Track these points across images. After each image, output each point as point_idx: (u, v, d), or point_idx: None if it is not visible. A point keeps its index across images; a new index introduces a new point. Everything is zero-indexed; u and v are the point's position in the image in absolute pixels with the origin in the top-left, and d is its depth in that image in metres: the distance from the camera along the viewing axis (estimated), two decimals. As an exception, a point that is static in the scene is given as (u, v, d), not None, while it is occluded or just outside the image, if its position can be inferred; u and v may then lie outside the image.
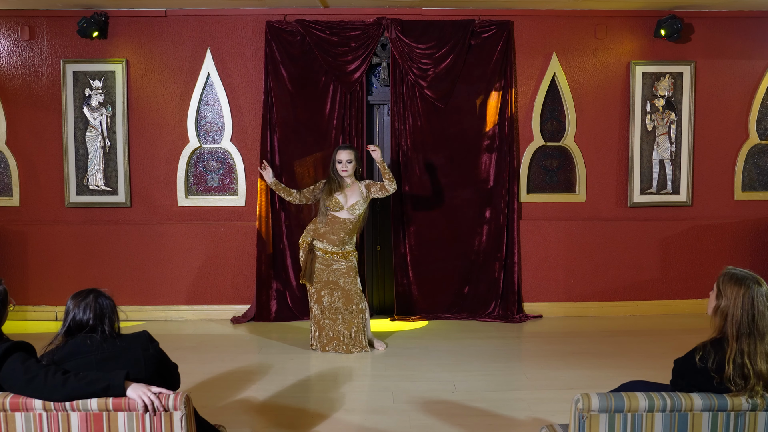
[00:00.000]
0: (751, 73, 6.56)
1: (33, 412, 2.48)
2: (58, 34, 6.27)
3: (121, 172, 6.35)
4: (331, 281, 5.41)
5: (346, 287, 5.41)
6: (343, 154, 5.38)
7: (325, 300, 5.42)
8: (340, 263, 5.40)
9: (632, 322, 6.38)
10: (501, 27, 6.30)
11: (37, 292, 6.37)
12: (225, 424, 3.46)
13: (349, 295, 5.41)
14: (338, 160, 5.38)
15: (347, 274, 5.41)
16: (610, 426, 2.55)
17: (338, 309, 5.43)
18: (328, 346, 5.45)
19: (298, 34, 6.21)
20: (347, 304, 5.41)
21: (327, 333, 5.45)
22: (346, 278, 5.41)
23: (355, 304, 5.42)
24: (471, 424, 4.09)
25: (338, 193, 5.38)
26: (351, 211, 5.37)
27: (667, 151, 6.54)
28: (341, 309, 5.42)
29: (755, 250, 6.63)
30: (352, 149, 5.45)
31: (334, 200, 5.36)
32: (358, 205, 5.36)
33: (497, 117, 6.35)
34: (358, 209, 5.37)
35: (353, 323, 5.43)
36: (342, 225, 5.37)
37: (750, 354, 2.57)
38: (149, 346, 2.71)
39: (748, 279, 2.63)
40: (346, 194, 5.38)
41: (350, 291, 5.41)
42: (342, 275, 5.41)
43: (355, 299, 5.42)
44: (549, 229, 6.54)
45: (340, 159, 5.37)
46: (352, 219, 5.38)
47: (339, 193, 5.38)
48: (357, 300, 5.43)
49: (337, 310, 5.43)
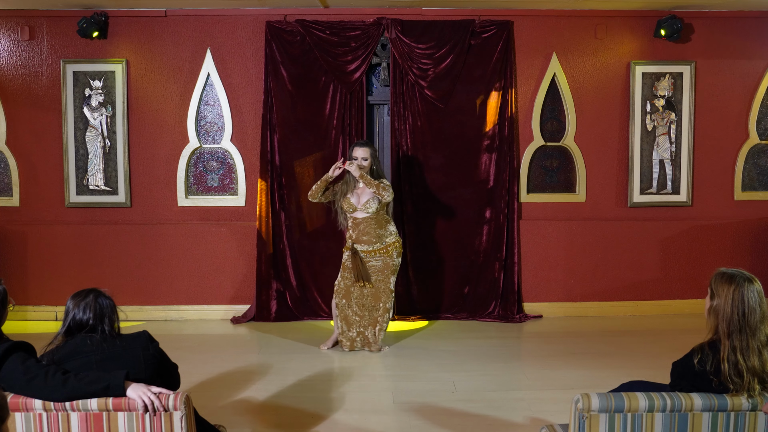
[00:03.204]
0: (751, 73, 6.56)
1: (33, 412, 2.49)
2: (58, 34, 6.27)
3: (121, 172, 6.35)
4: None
5: (377, 285, 5.34)
6: (359, 152, 5.30)
7: (355, 293, 5.36)
8: (378, 260, 5.32)
9: (632, 322, 6.38)
10: (501, 27, 6.30)
11: (37, 292, 6.37)
12: (225, 424, 3.46)
13: (378, 292, 5.35)
14: (353, 158, 5.31)
15: (382, 271, 5.33)
16: (610, 426, 2.55)
17: (366, 306, 5.37)
18: (355, 342, 5.40)
19: (298, 34, 6.21)
20: (375, 301, 5.37)
21: (355, 327, 5.39)
22: (378, 275, 5.34)
23: (383, 303, 5.35)
24: (471, 424, 4.09)
25: (350, 194, 5.34)
26: (365, 210, 5.29)
27: (667, 151, 6.54)
28: (369, 306, 5.37)
29: (755, 250, 6.63)
30: (369, 147, 5.36)
31: (347, 202, 5.32)
32: (371, 203, 5.27)
33: (497, 117, 6.35)
34: (371, 207, 5.27)
35: (378, 321, 5.39)
36: (365, 224, 5.30)
37: (742, 350, 2.57)
38: (149, 346, 2.71)
39: (739, 277, 2.64)
40: (358, 194, 5.34)
41: (380, 288, 5.35)
42: (376, 272, 5.33)
43: (383, 297, 5.35)
44: (549, 229, 6.54)
45: (355, 156, 5.31)
46: (369, 216, 5.30)
47: (351, 194, 5.34)
48: (385, 298, 5.35)
49: (364, 307, 5.37)
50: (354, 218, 5.34)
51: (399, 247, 5.38)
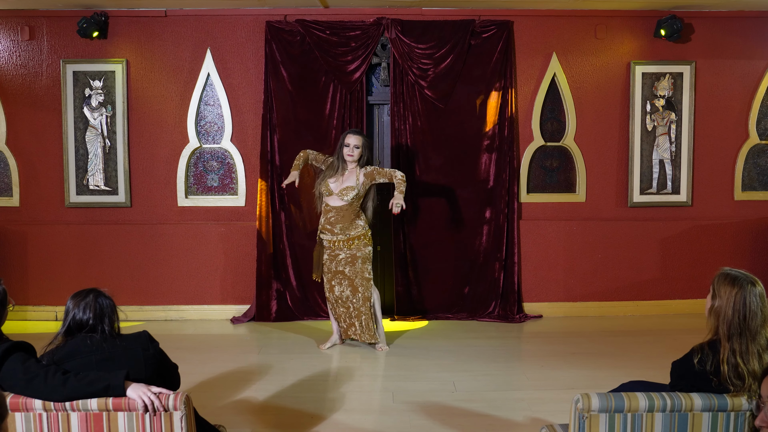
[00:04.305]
0: (751, 73, 6.56)
1: (33, 412, 2.48)
2: (58, 34, 6.27)
3: (121, 172, 6.35)
4: (339, 271, 5.37)
5: (351, 276, 5.36)
6: (352, 139, 5.33)
7: (336, 290, 5.41)
8: (345, 252, 5.35)
9: (632, 322, 6.38)
10: (501, 27, 6.30)
11: (37, 292, 6.37)
12: (225, 424, 3.46)
13: (354, 283, 5.37)
14: (345, 144, 5.32)
15: (351, 262, 5.35)
16: (610, 426, 2.55)
17: (348, 298, 5.39)
18: (348, 331, 5.46)
19: (298, 34, 6.21)
20: (354, 292, 5.38)
21: (345, 320, 5.44)
22: (351, 267, 5.35)
23: (361, 293, 5.36)
24: (471, 425, 4.09)
25: (332, 179, 5.34)
26: (341, 196, 5.29)
27: (667, 151, 6.54)
28: (350, 298, 5.39)
29: (755, 250, 6.63)
30: (362, 135, 5.39)
31: (325, 185, 5.33)
32: (349, 191, 5.28)
33: (497, 117, 6.35)
34: (348, 195, 5.28)
35: (362, 311, 5.40)
36: (335, 212, 5.32)
37: (742, 353, 2.56)
38: (149, 346, 2.71)
39: (742, 279, 2.62)
40: (341, 180, 5.34)
41: (355, 279, 5.36)
42: (347, 264, 5.36)
43: (360, 288, 5.36)
44: (549, 229, 6.54)
45: (347, 143, 5.32)
46: (343, 205, 5.30)
47: (333, 178, 5.34)
48: (362, 288, 5.36)
49: (348, 300, 5.40)
50: (326, 204, 5.35)
51: (367, 238, 5.37)
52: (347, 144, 5.32)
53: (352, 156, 5.30)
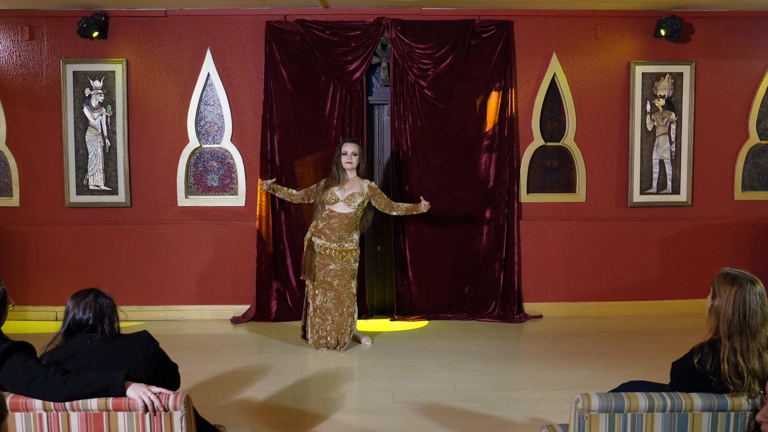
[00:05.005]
0: (751, 73, 6.56)
1: (33, 412, 2.48)
2: (58, 34, 6.27)
3: (121, 172, 6.35)
4: (325, 281, 5.42)
5: (339, 289, 5.42)
6: (349, 147, 5.44)
7: (318, 299, 5.44)
8: (336, 264, 5.40)
9: (632, 322, 6.38)
10: (501, 27, 6.30)
11: (37, 292, 6.38)
12: (225, 424, 3.46)
13: (341, 297, 5.42)
14: (343, 152, 5.43)
15: (341, 276, 5.41)
16: (610, 426, 2.55)
17: (329, 310, 5.44)
18: (319, 343, 5.49)
19: (298, 34, 6.21)
20: (338, 306, 5.43)
21: (317, 330, 5.48)
22: (340, 280, 5.41)
23: (346, 307, 5.43)
24: (471, 425, 4.09)
25: (335, 187, 5.41)
26: (348, 203, 5.37)
27: (667, 151, 6.54)
28: (332, 310, 5.44)
29: (755, 250, 6.63)
30: (357, 143, 5.52)
31: (330, 193, 5.38)
32: (356, 197, 5.36)
33: (497, 117, 6.35)
34: (355, 201, 5.35)
35: (342, 325, 5.45)
36: (338, 219, 5.36)
37: (743, 352, 2.57)
38: (149, 346, 2.71)
39: (742, 278, 2.63)
40: (344, 188, 5.41)
41: (342, 293, 5.42)
42: (336, 276, 5.41)
43: (346, 302, 5.43)
44: (549, 229, 6.54)
45: (345, 151, 5.42)
46: (349, 212, 5.37)
47: (336, 187, 5.41)
48: (348, 303, 5.44)
49: (328, 311, 5.45)
50: (331, 210, 5.39)
51: (357, 254, 5.46)
52: (345, 152, 5.42)
53: (351, 163, 5.40)
